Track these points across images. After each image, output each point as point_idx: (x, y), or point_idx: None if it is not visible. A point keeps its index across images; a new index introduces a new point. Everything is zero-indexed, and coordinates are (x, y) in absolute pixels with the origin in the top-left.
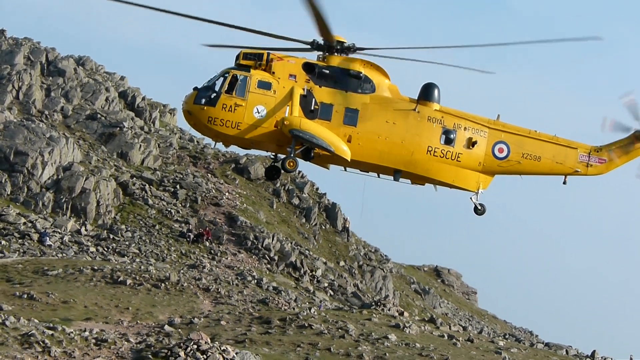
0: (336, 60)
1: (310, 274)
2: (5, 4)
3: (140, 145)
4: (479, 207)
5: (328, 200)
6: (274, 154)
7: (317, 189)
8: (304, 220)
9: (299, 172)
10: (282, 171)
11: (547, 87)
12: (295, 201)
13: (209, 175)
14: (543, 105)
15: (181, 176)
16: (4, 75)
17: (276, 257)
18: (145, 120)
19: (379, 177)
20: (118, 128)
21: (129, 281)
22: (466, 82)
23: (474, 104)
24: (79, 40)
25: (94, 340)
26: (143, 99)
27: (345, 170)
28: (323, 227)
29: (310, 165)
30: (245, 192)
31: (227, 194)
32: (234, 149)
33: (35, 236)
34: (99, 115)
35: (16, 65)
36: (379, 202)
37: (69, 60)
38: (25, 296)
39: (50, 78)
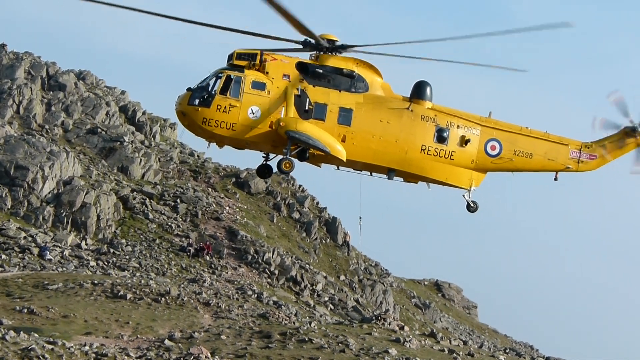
0: (329, 60)
1: (311, 288)
2: (6, 19)
3: (141, 159)
4: (472, 205)
5: (328, 214)
6: (265, 153)
7: (318, 203)
8: (304, 234)
9: (300, 186)
10: (279, 172)
11: (537, 89)
12: (296, 215)
13: (210, 189)
14: (532, 106)
15: (182, 190)
16: (4, 90)
17: (276, 271)
18: (145, 134)
19: (371, 175)
20: (118, 142)
21: (129, 295)
22: (453, 79)
23: (463, 101)
24: (79, 55)
25: (94, 355)
26: (143, 113)
27: (338, 169)
28: (323, 241)
29: (310, 178)
30: (245, 207)
31: (227, 208)
32: (234, 162)
33: (36, 250)
34: (99, 130)
35: (17, 79)
36: (379, 216)
37: (70, 74)
38: (26, 310)
39: (51, 92)
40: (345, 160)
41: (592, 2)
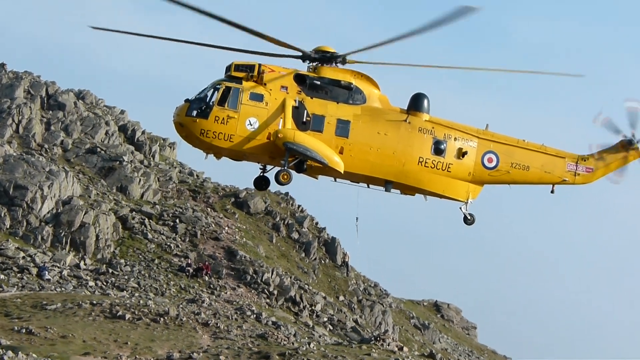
0: (327, 71)
1: (310, 308)
2: (5, 38)
3: (140, 179)
4: (469, 217)
5: (327, 234)
6: (262, 164)
7: (317, 223)
8: (303, 254)
9: (299, 206)
10: (276, 183)
11: (534, 103)
12: (295, 235)
13: (209, 209)
14: (529, 120)
15: (181, 210)
16: (4, 109)
17: (275, 292)
18: (145, 154)
19: (368, 187)
20: (118, 162)
21: (127, 315)
22: (450, 91)
23: (460, 114)
24: (79, 74)
25: None
26: (143, 132)
27: (335, 181)
28: (322, 262)
29: (309, 198)
30: (244, 227)
31: (226, 228)
32: (233, 182)
33: (34, 270)
34: (98, 149)
35: (16, 99)
36: (378, 236)
37: (69, 94)
38: (24, 331)
39: (50, 112)
40: (342, 172)
41: (587, 21)
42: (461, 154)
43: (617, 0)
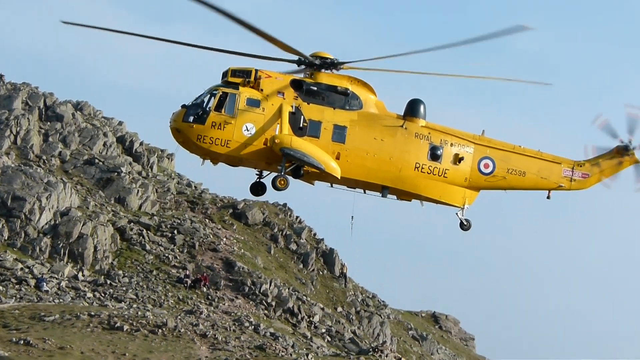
0: (323, 77)
1: (308, 319)
2: (3, 49)
3: (138, 190)
4: (465, 223)
5: (326, 245)
6: (258, 170)
7: (315, 234)
8: (301, 265)
9: (297, 217)
10: (274, 189)
11: (531, 108)
12: (293, 247)
13: (207, 220)
14: (525, 125)
15: (179, 221)
16: (2, 120)
17: (273, 303)
18: (143, 165)
19: (365, 192)
20: (116, 173)
21: (126, 327)
22: (446, 97)
23: (457, 119)
24: (77, 86)
25: None
26: (141, 144)
27: (332, 186)
28: (320, 273)
29: (308, 210)
30: (242, 238)
31: (224, 239)
32: (231, 193)
33: (32, 282)
34: (96, 160)
35: (14, 110)
36: (376, 247)
37: (67, 105)
38: (22, 342)
39: (48, 123)
40: (339, 178)
41: (586, 30)
42: (457, 159)
43: (615, 13)
